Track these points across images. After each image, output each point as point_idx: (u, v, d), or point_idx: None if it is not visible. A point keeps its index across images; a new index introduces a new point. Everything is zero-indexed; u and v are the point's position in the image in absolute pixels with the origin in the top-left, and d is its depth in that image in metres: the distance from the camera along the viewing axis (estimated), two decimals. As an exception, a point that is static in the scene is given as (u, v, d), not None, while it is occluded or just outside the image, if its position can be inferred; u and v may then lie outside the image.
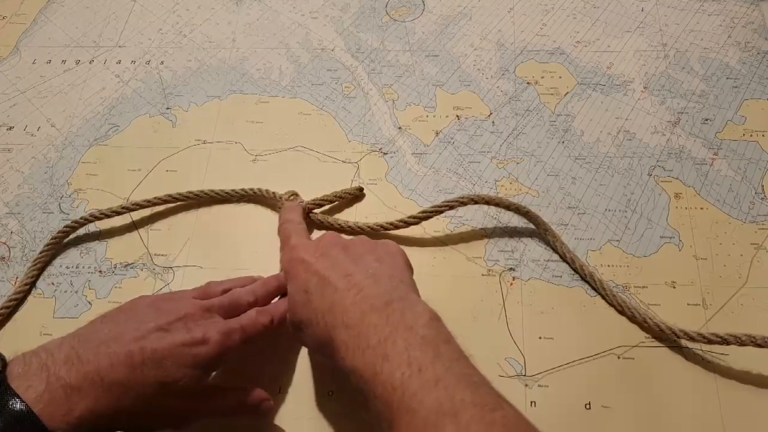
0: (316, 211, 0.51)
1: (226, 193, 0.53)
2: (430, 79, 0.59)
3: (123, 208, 0.52)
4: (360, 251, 0.40)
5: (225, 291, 0.43)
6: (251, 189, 0.52)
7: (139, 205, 0.53)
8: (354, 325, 0.34)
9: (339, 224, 0.51)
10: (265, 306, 0.43)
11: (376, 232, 0.50)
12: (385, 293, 0.35)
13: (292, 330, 0.40)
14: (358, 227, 0.50)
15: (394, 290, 0.36)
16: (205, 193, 0.53)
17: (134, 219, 0.53)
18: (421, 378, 0.30)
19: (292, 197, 0.51)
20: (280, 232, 0.47)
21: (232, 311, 0.41)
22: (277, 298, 0.45)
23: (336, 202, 0.52)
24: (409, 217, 0.49)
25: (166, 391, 0.36)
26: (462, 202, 0.49)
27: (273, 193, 0.52)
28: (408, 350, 0.32)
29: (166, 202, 0.53)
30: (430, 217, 0.49)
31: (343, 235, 0.43)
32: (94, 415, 0.34)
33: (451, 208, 0.49)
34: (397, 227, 0.50)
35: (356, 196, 0.53)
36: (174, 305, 0.40)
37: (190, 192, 0.53)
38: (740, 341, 0.41)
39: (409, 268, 0.41)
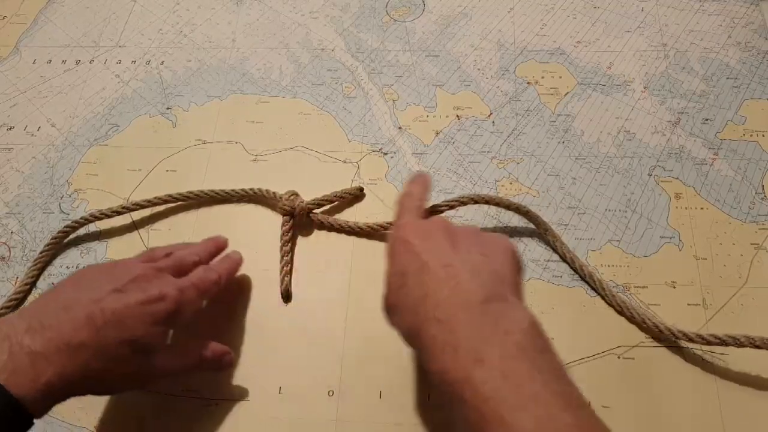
0: (316, 211, 0.51)
1: (226, 193, 0.53)
2: (430, 79, 0.59)
3: (123, 208, 0.52)
4: (466, 241, 0.37)
5: (168, 255, 0.44)
6: (251, 189, 0.53)
7: (139, 205, 0.53)
8: (446, 320, 0.32)
9: (339, 224, 0.51)
10: (210, 265, 0.45)
11: (376, 232, 0.50)
12: (483, 290, 0.33)
13: (385, 313, 0.38)
14: (358, 227, 0.50)
15: (494, 288, 0.33)
16: (205, 193, 0.53)
17: (134, 219, 0.53)
18: (518, 392, 0.29)
19: (292, 197, 0.51)
20: (398, 200, 0.43)
21: (179, 271, 0.43)
22: (218, 258, 0.47)
23: (336, 202, 0.52)
24: (409, 217, 0.49)
25: (132, 350, 0.37)
26: (462, 202, 0.49)
27: (273, 193, 0.52)
28: (503, 358, 0.30)
29: (166, 202, 0.53)
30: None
31: (457, 223, 0.40)
32: (63, 380, 0.35)
33: (451, 207, 0.49)
34: (397, 227, 0.50)
35: (356, 196, 0.53)
36: (125, 269, 0.41)
37: (190, 192, 0.53)
38: (739, 342, 0.41)
39: (518, 268, 0.37)
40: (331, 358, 0.46)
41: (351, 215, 0.52)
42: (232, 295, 0.49)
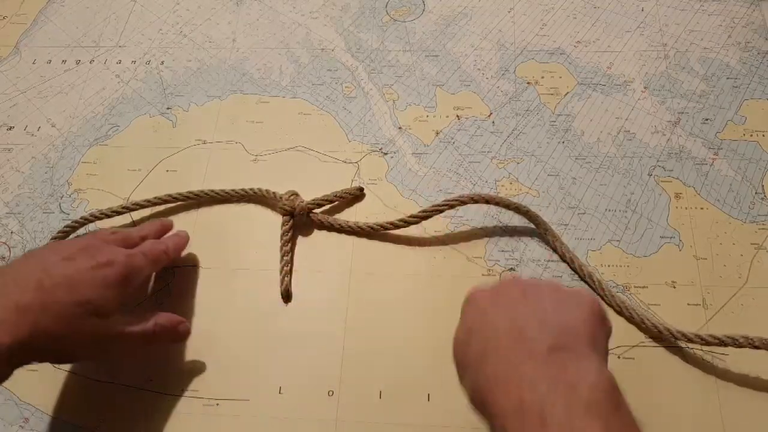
0: (316, 211, 0.51)
1: (226, 193, 0.53)
2: (430, 79, 0.59)
3: (123, 208, 0.52)
4: (539, 294, 0.34)
5: (113, 233, 0.45)
6: (251, 189, 0.53)
7: (139, 205, 0.53)
8: (506, 377, 0.30)
9: (339, 224, 0.51)
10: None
11: (376, 232, 0.50)
12: (549, 339, 0.30)
13: (459, 376, 0.35)
14: (359, 227, 0.50)
15: (562, 338, 0.31)
16: (205, 193, 0.53)
17: (134, 219, 0.53)
18: None
19: (292, 197, 0.51)
20: None
21: (126, 245, 0.44)
22: (168, 235, 0.49)
23: (336, 202, 0.52)
24: (409, 216, 0.49)
25: (85, 311, 0.38)
26: (462, 202, 0.49)
27: (273, 193, 0.52)
28: (570, 419, 0.27)
29: (166, 202, 0.53)
30: (430, 216, 0.49)
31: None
32: (16, 341, 0.35)
33: (451, 207, 0.49)
34: (397, 227, 0.50)
35: (356, 196, 0.53)
36: (73, 242, 0.42)
37: (190, 192, 0.53)
38: (738, 343, 0.41)
39: (599, 324, 0.33)
40: (331, 358, 0.46)
41: (351, 215, 0.52)
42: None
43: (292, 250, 0.50)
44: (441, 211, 0.49)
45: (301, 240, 0.51)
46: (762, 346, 0.41)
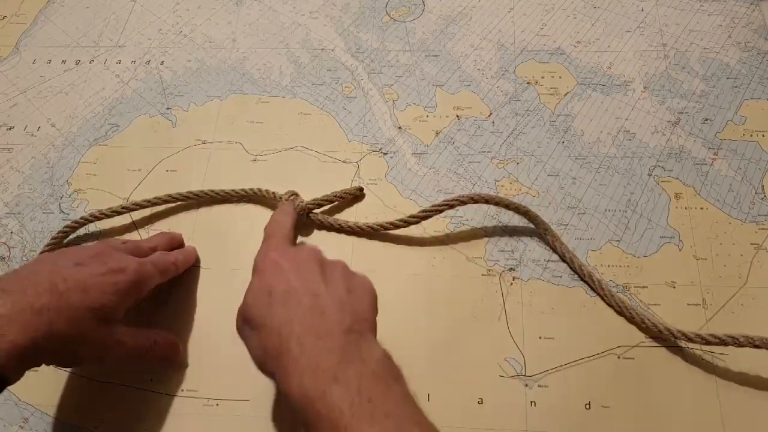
0: (316, 211, 0.51)
1: (226, 193, 0.53)
2: (430, 79, 0.59)
3: (123, 208, 0.52)
4: (335, 275, 0.39)
5: (123, 243, 0.46)
6: (251, 189, 0.53)
7: (139, 205, 0.53)
8: (308, 344, 0.34)
9: (339, 224, 0.51)
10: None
11: (376, 232, 0.50)
12: (346, 322, 0.35)
13: (240, 325, 0.39)
14: (358, 227, 0.50)
15: (355, 323, 0.36)
16: (205, 193, 0.53)
17: (134, 219, 0.53)
18: (371, 407, 0.31)
19: (292, 197, 0.51)
20: (267, 229, 0.45)
21: (136, 255, 0.45)
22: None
23: (336, 202, 0.52)
24: (409, 216, 0.49)
25: (95, 316, 0.38)
26: (462, 201, 0.49)
27: (273, 193, 0.52)
28: (359, 379, 0.32)
29: (166, 202, 0.53)
30: (430, 216, 0.49)
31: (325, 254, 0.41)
32: (29, 340, 0.35)
33: (451, 207, 0.49)
34: (397, 227, 0.50)
35: (356, 196, 0.53)
36: (85, 248, 0.43)
37: (190, 192, 0.53)
38: (738, 342, 0.41)
39: (375, 310, 0.39)
40: (331, 358, 0.46)
41: (351, 215, 0.52)
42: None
43: (292, 250, 0.50)
44: (441, 211, 0.49)
45: (301, 240, 0.51)
46: (763, 345, 0.41)
